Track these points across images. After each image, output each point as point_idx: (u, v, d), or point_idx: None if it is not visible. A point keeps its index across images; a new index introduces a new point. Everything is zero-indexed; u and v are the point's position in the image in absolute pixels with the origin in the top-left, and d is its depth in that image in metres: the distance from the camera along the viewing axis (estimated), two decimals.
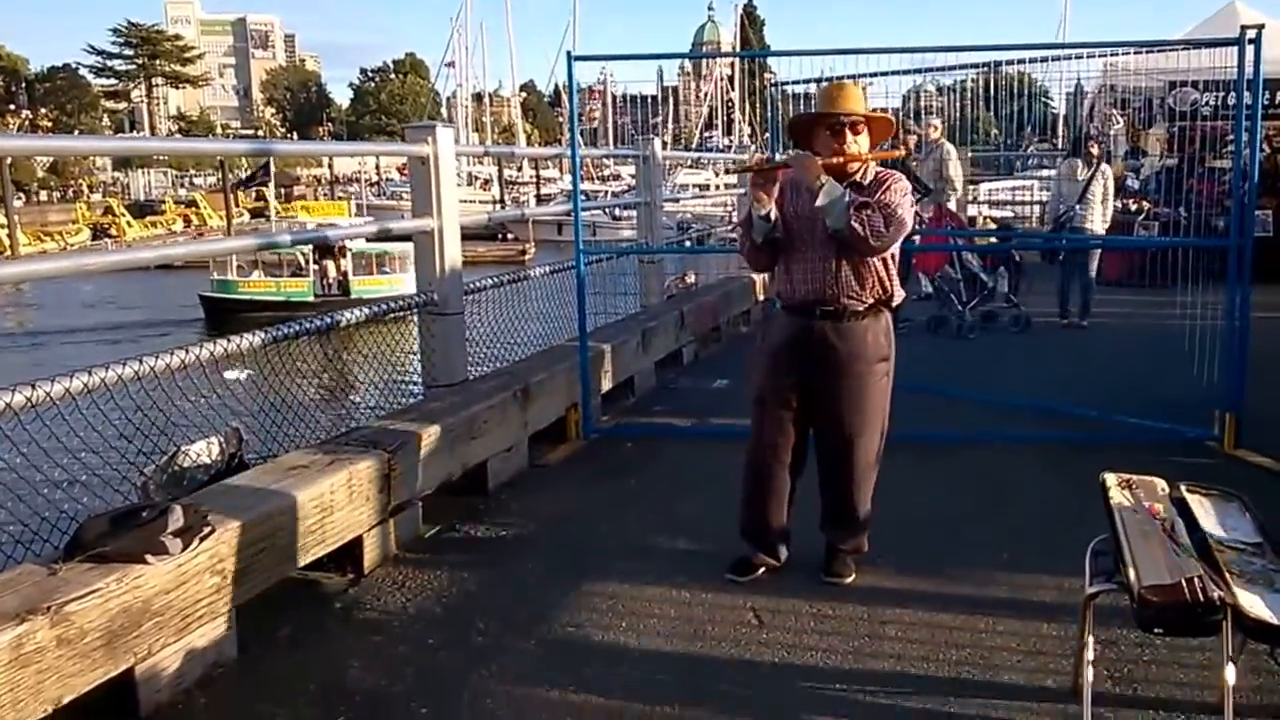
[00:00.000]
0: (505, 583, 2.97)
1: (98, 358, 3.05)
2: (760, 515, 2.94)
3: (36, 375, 2.60)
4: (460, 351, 4.07)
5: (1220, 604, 1.81)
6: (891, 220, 2.66)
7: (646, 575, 2.97)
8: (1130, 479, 2.38)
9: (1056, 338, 6.97)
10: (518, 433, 3.94)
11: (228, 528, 2.54)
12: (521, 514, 3.54)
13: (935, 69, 6.22)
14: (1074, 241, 7.11)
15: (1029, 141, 18.08)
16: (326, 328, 3.41)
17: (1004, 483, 3.77)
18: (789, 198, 2.83)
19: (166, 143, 20.63)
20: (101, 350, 15.21)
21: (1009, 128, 9.48)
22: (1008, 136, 13.02)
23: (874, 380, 2.83)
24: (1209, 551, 2.05)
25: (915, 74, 6.15)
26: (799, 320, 2.84)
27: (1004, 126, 10.43)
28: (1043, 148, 18.02)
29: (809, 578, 2.90)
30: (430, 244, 3.90)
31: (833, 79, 4.68)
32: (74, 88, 66.09)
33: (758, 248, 2.87)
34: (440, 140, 3.81)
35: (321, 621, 2.76)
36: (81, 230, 36.40)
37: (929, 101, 8.49)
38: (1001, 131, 10.68)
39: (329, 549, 2.92)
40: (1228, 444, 4.06)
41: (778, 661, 2.45)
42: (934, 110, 7.58)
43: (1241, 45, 3.95)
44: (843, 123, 2.74)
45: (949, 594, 2.80)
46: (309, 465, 2.99)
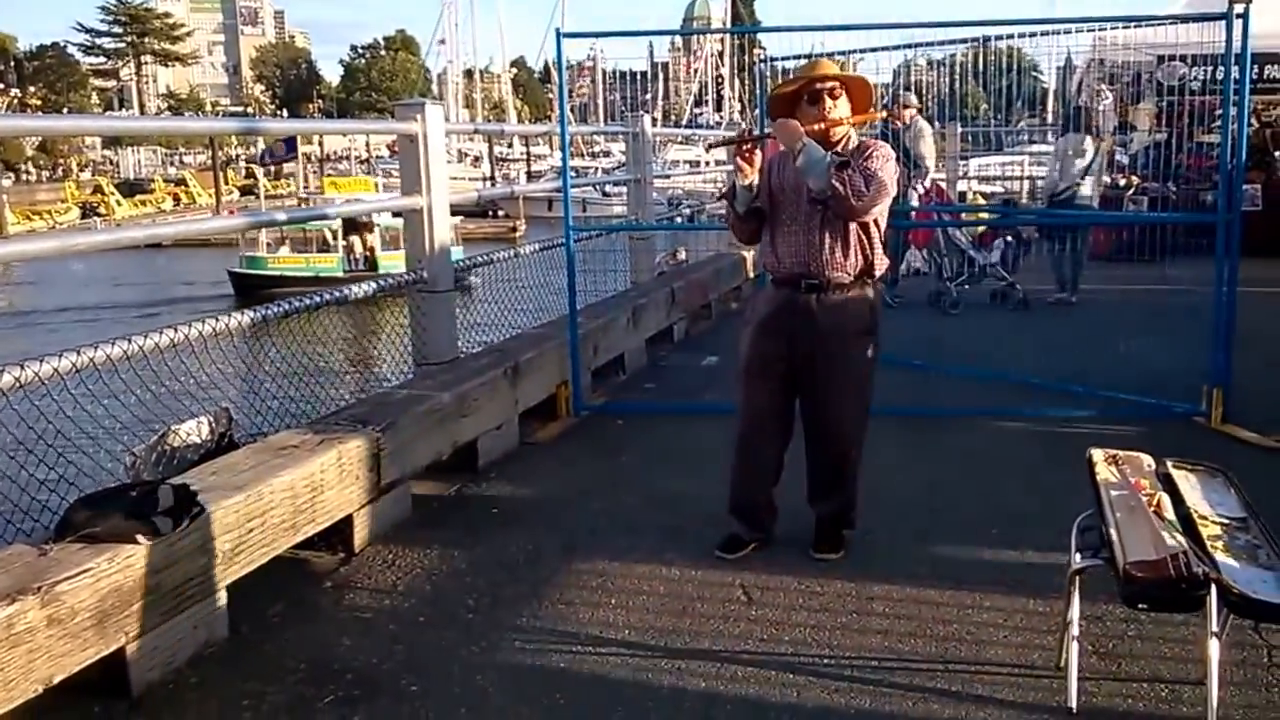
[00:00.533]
0: (495, 560, 2.96)
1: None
2: (749, 491, 2.94)
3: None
4: (451, 329, 4.03)
5: (1205, 579, 1.81)
6: (872, 181, 2.65)
7: (636, 552, 2.97)
8: (1117, 455, 2.38)
9: (1045, 313, 6.96)
10: (508, 410, 3.92)
11: (219, 507, 2.52)
12: (512, 492, 3.53)
13: (924, 44, 6.18)
14: (1065, 217, 7.03)
15: (1019, 116, 17.98)
16: (315, 306, 3.37)
17: (992, 458, 3.78)
18: (774, 171, 2.82)
19: (154, 122, 20.32)
20: (113, 330, 15.08)
21: (999, 103, 9.39)
22: (998, 112, 12.99)
23: (859, 352, 2.83)
24: (1194, 527, 2.05)
25: (906, 49, 6.11)
26: (785, 293, 2.83)
27: (994, 102, 10.36)
28: (1033, 123, 17.93)
29: (798, 555, 2.90)
30: (420, 222, 3.85)
31: (819, 55, 4.65)
32: (63, 66, 65.08)
33: (741, 218, 2.87)
34: (429, 118, 3.76)
35: (313, 600, 2.75)
36: (71, 209, 36.06)
37: (920, 76, 8.40)
38: (991, 107, 10.60)
39: (320, 528, 2.91)
40: (1215, 419, 4.06)
41: (766, 638, 2.45)
42: (913, 87, 7.48)
43: (1229, 20, 3.92)
44: (820, 89, 2.72)
45: (937, 570, 2.80)
46: (299, 445, 2.97)
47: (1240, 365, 4.22)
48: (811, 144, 2.66)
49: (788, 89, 2.83)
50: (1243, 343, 4.26)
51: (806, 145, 2.65)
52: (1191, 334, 4.34)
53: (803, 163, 2.65)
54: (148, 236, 3.14)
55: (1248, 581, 1.85)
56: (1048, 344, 5.77)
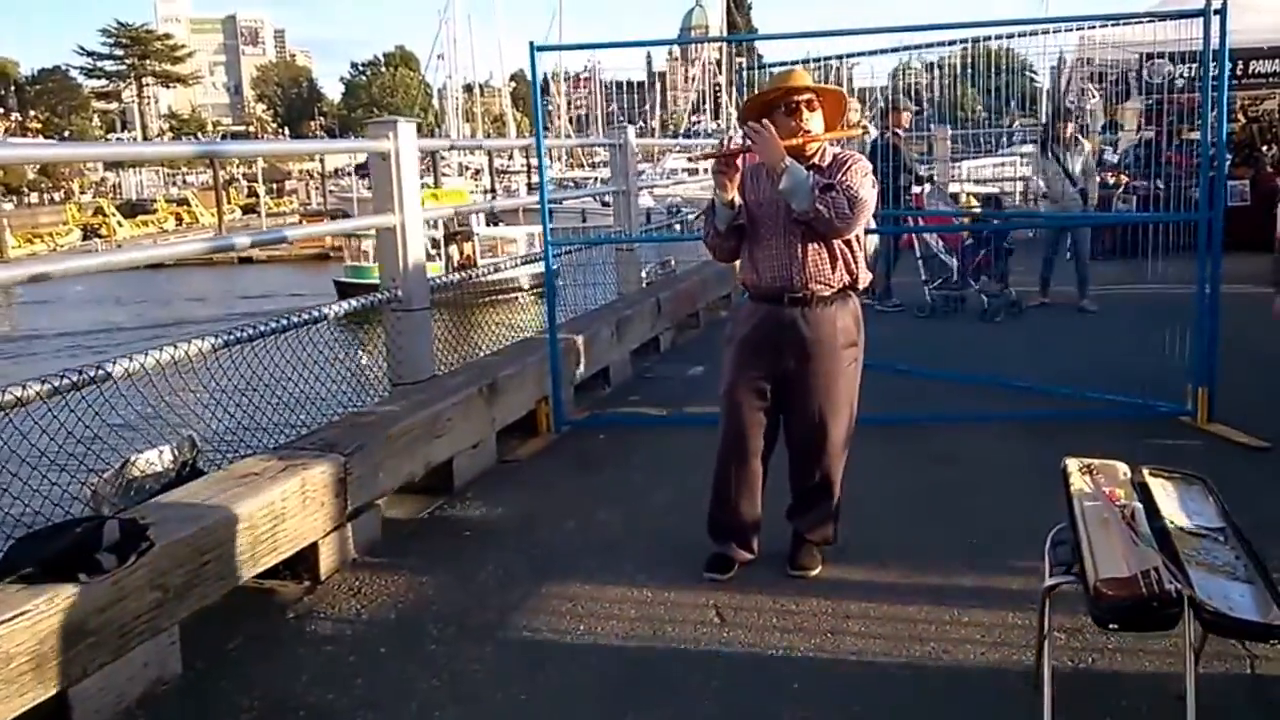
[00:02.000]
0: (464, 586, 2.87)
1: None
2: (734, 509, 2.85)
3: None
4: (427, 348, 3.96)
5: (1178, 597, 1.72)
6: (855, 202, 2.58)
7: (609, 574, 2.88)
8: (1091, 464, 2.29)
9: (1029, 315, 6.85)
10: (484, 429, 3.84)
11: (170, 541, 2.44)
12: (486, 512, 3.44)
13: (911, 47, 6.08)
14: (1049, 220, 6.93)
15: (1013, 117, 17.90)
16: (283, 329, 3.30)
17: (975, 465, 3.69)
18: (750, 184, 2.74)
19: (107, 148, 19.00)
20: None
21: (993, 104, 9.28)
22: (992, 114, 12.91)
23: (843, 366, 2.74)
24: (1168, 540, 1.95)
25: (895, 52, 6.00)
26: (766, 308, 2.75)
27: (988, 103, 10.26)
28: (1027, 123, 17.82)
29: (775, 571, 2.82)
30: (393, 240, 3.78)
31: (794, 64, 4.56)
32: (65, 89, 65.45)
33: (721, 235, 2.78)
34: (401, 135, 3.69)
35: (273, 632, 2.66)
36: (72, 231, 36.14)
37: (915, 80, 8.31)
38: (985, 109, 10.50)
39: (282, 557, 2.82)
40: (1201, 419, 3.97)
41: (737, 661, 2.36)
42: (909, 90, 7.40)
43: (1206, 17, 3.84)
44: (796, 101, 2.63)
45: (915, 584, 2.70)
46: (261, 472, 2.89)
47: (1227, 362, 4.12)
48: (794, 165, 2.57)
49: (762, 99, 2.74)
50: (1229, 340, 4.16)
51: (789, 167, 2.56)
52: (1177, 333, 4.24)
53: (786, 186, 2.56)
54: (101, 265, 3.05)
55: (1224, 597, 1.76)
56: (1031, 346, 5.68)
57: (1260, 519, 3.07)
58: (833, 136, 2.71)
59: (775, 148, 2.57)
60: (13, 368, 14.57)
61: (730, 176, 2.66)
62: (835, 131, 2.73)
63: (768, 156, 2.58)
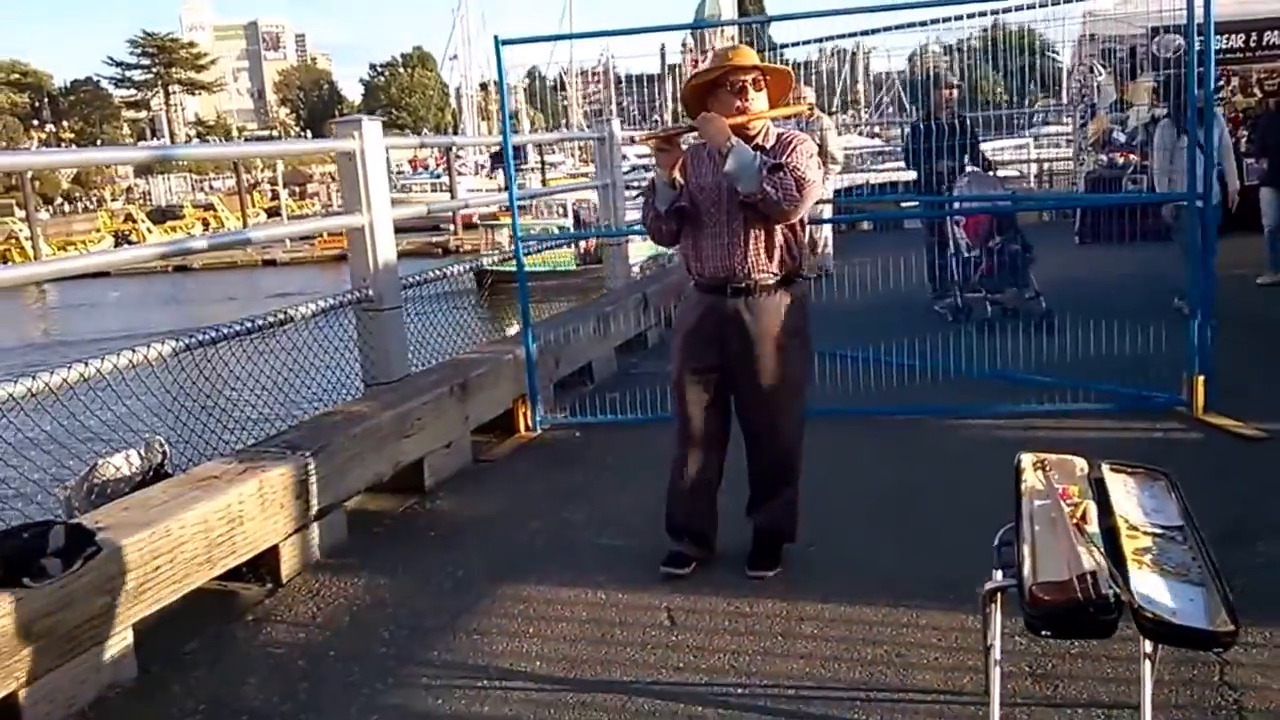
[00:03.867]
0: (421, 588, 2.83)
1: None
2: (690, 505, 2.78)
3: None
4: (399, 347, 3.92)
5: (1115, 602, 1.62)
6: (803, 184, 2.50)
7: (566, 574, 2.82)
8: (1046, 459, 2.19)
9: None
10: (457, 428, 3.79)
11: (120, 545, 2.42)
12: (454, 513, 3.40)
13: (905, 26, 5.86)
14: (1024, 201, 6.61)
15: (1034, 98, 17.54)
16: (248, 331, 3.27)
17: (958, 460, 3.56)
18: (692, 167, 2.66)
19: (83, 153, 18.42)
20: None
21: (1014, 85, 9.02)
22: (1013, 95, 12.63)
23: (790, 354, 2.67)
24: (1116, 540, 1.85)
25: (898, 30, 5.78)
26: (710, 299, 2.68)
27: (1009, 84, 10.01)
28: (1048, 104, 17.47)
29: (733, 572, 2.74)
30: (362, 240, 3.74)
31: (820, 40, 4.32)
32: (97, 99, 66.54)
33: (661, 217, 2.69)
34: (367, 135, 3.65)
35: (230, 634, 2.64)
36: (105, 238, 36.70)
37: (935, 61, 8.08)
38: (1006, 90, 10.24)
39: (240, 560, 2.80)
40: (1197, 408, 3.82)
41: (682, 665, 2.29)
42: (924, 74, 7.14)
43: None
44: (742, 79, 2.54)
45: (876, 586, 2.61)
46: (220, 475, 2.87)
47: (1224, 348, 3.97)
48: (741, 145, 2.50)
49: (706, 77, 2.65)
50: (1229, 323, 4.00)
51: (735, 146, 2.48)
52: (1174, 319, 4.09)
53: (733, 166, 2.49)
54: (53, 271, 3.05)
55: (1169, 602, 1.65)
56: (1024, 334, 5.46)
57: (1248, 511, 2.97)
58: (777, 114, 2.63)
59: (720, 128, 2.49)
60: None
61: (673, 157, 2.59)
62: (780, 109, 2.64)
63: (712, 137, 2.50)
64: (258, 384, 3.55)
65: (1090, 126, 10.03)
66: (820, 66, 8.64)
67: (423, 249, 27.81)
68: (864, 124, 19.81)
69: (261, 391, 3.59)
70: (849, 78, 25.76)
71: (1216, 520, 2.86)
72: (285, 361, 3.64)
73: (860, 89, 27.00)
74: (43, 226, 36.75)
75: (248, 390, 3.58)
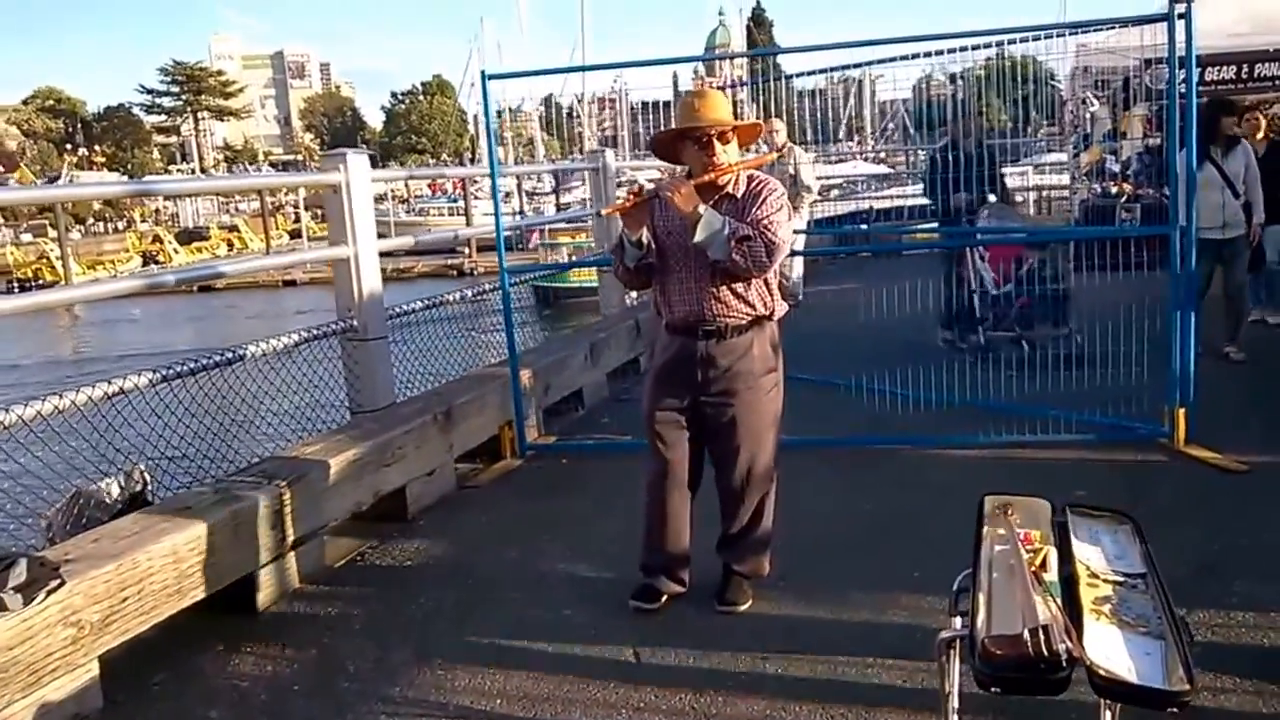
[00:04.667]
0: (392, 619, 2.76)
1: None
2: (662, 543, 2.71)
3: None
4: (385, 376, 3.87)
5: (1068, 659, 1.53)
6: (773, 248, 2.46)
7: (538, 606, 2.75)
8: (1010, 502, 2.11)
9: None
10: (441, 455, 3.74)
11: (85, 578, 2.37)
12: (434, 541, 3.33)
13: (911, 56, 5.75)
14: (987, 233, 5.68)
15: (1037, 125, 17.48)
16: (227, 362, 3.23)
17: (935, 491, 3.47)
18: (660, 212, 2.60)
19: (51, 190, 17.43)
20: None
21: (1016, 114, 8.95)
22: (1017, 123, 12.59)
23: (762, 394, 2.59)
24: (1075, 590, 1.76)
25: (895, 63, 5.69)
26: (680, 340, 2.61)
27: (1012, 113, 9.95)
28: (1051, 132, 17.41)
29: (703, 606, 2.66)
30: (347, 271, 3.71)
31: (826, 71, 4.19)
32: (129, 125, 67.56)
33: (630, 271, 2.63)
34: (352, 168, 3.62)
35: (199, 666, 2.58)
36: (133, 258, 37.10)
37: (939, 91, 7.98)
38: (1010, 118, 10.16)
39: (212, 590, 2.74)
40: (1178, 440, 3.72)
41: (643, 705, 2.21)
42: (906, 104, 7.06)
43: (1171, 21, 3.61)
44: (709, 134, 2.49)
45: (845, 620, 2.53)
46: (194, 505, 2.82)
47: (1208, 380, 3.87)
48: (710, 214, 2.43)
49: (670, 134, 2.60)
50: (1209, 357, 3.90)
51: (705, 217, 2.42)
52: (1158, 349, 3.99)
53: (702, 238, 2.42)
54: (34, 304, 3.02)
55: (1125, 658, 1.57)
56: (1008, 364, 5.35)
57: (1225, 547, 2.87)
58: (745, 166, 2.56)
59: (687, 198, 2.43)
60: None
61: (639, 220, 2.53)
62: (747, 161, 2.58)
63: (679, 208, 2.44)
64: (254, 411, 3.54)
65: (1084, 157, 9.96)
66: (828, 95, 8.59)
67: (439, 270, 28.00)
68: (870, 150, 19.80)
69: (254, 417, 3.58)
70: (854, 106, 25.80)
71: (1193, 556, 2.78)
72: (293, 386, 3.64)
73: (866, 116, 27.02)
74: (74, 246, 37.19)
75: (243, 415, 3.56)
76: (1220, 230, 5.05)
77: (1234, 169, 5.09)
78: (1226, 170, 5.08)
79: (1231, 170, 5.08)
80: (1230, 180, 5.06)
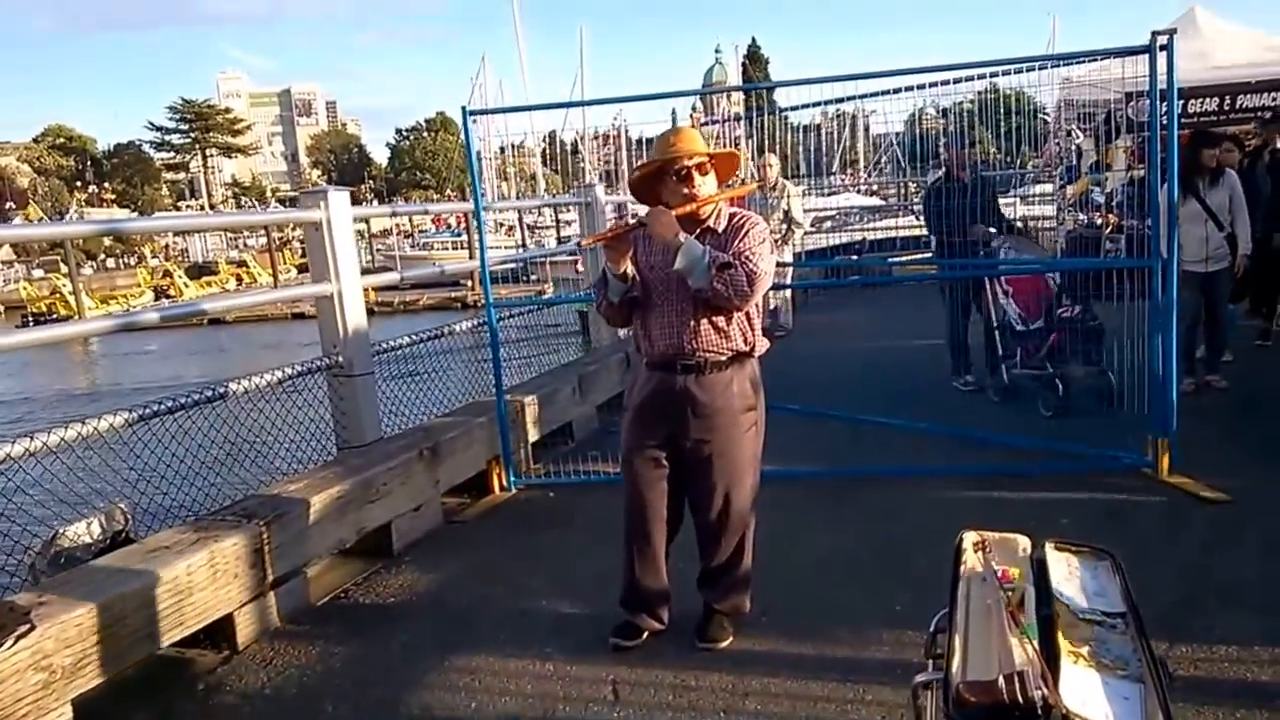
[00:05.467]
0: (373, 657, 2.69)
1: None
2: (641, 581, 2.65)
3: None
4: (371, 412, 3.82)
5: (1044, 706, 1.47)
6: (754, 279, 2.41)
7: (517, 644, 2.68)
8: (988, 538, 2.05)
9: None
10: (427, 491, 3.68)
11: (57, 621, 2.32)
12: (417, 577, 3.27)
13: (904, 89, 5.72)
14: (969, 268, 5.30)
15: (1026, 157, 17.61)
16: (208, 400, 3.19)
17: (916, 523, 3.41)
18: (642, 247, 2.57)
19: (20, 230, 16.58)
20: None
21: (1008, 146, 8.97)
22: (1006, 155, 12.68)
23: (741, 431, 2.54)
24: (1053, 631, 1.70)
25: (880, 96, 5.66)
26: (660, 375, 2.56)
27: (1002, 145, 10.01)
28: (1039, 163, 17.57)
29: (683, 642, 2.60)
30: (331, 308, 3.68)
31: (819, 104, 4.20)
32: (138, 162, 68.20)
33: (614, 306, 2.59)
34: (333, 205, 3.61)
35: (179, 706, 2.52)
36: (145, 293, 37.22)
37: (931, 124, 8.00)
38: (1001, 150, 10.18)
39: (189, 630, 2.68)
40: (1161, 469, 3.66)
41: None
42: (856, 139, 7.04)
43: (1152, 53, 3.62)
44: (688, 166, 2.47)
45: (826, 656, 2.46)
46: (171, 545, 2.76)
47: (1191, 409, 3.82)
48: (691, 242, 2.40)
49: (650, 168, 2.56)
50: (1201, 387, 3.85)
51: (685, 244, 2.39)
52: (1142, 378, 3.95)
53: (683, 265, 2.39)
54: (16, 344, 2.99)
55: (1102, 703, 1.51)
56: (992, 394, 5.31)
57: (1206, 578, 2.80)
58: (725, 197, 2.54)
59: (668, 225, 2.40)
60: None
61: (623, 251, 2.50)
62: (727, 192, 2.56)
63: (660, 235, 2.41)
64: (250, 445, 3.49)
65: (1069, 189, 10.00)
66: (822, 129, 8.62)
67: (444, 303, 28.06)
68: (864, 183, 19.94)
69: (251, 451, 3.53)
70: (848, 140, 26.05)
71: (1175, 588, 2.71)
72: (290, 421, 3.60)
73: (860, 149, 27.23)
74: (86, 281, 37.34)
75: (239, 450, 3.50)
76: (1203, 264, 4.99)
77: (1218, 201, 5.00)
78: (1210, 203, 4.99)
79: (1215, 202, 4.99)
80: (1214, 213, 4.98)
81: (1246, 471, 3.67)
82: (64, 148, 65.13)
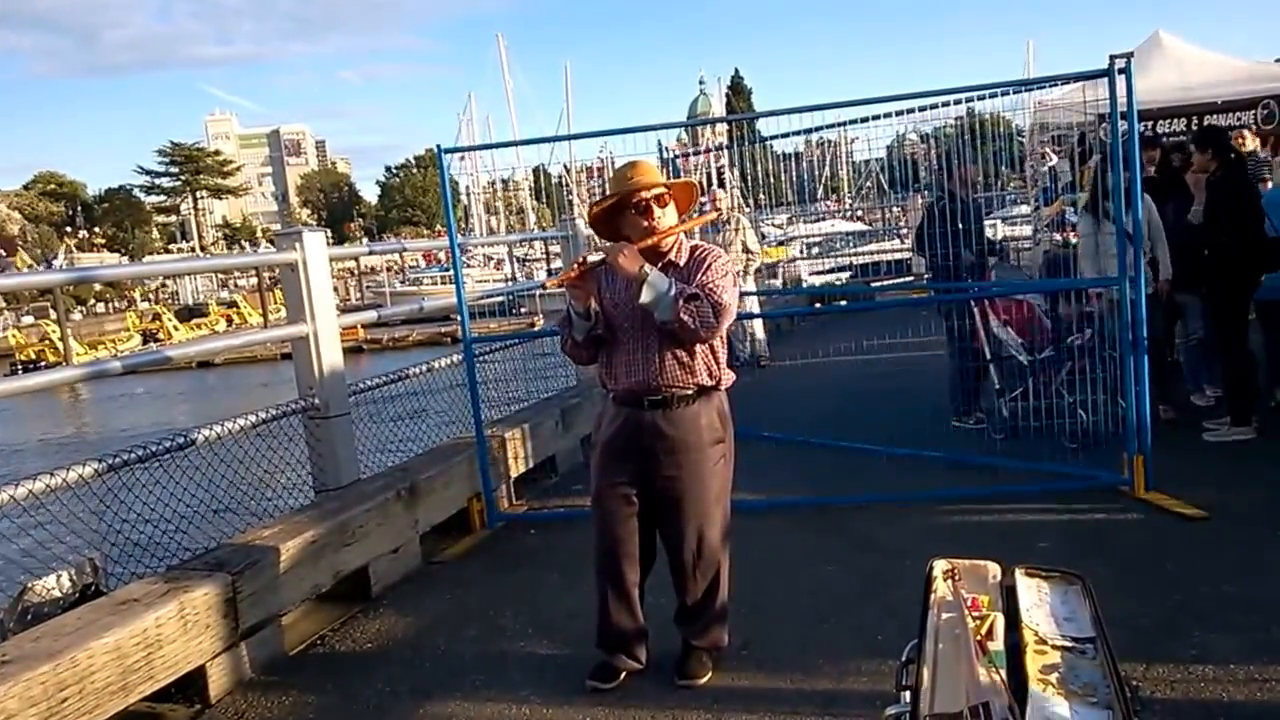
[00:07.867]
0: (347, 707, 2.64)
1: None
2: (616, 621, 2.61)
3: None
4: (348, 453, 3.79)
5: None
6: (720, 310, 2.40)
7: (495, 688, 2.63)
8: (958, 565, 2.03)
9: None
10: (405, 532, 3.64)
11: (20, 680, 2.26)
12: (394, 621, 3.22)
13: (884, 116, 5.68)
14: (953, 292, 4.98)
15: (1007, 179, 17.82)
16: (178, 448, 3.16)
17: (896, 551, 3.38)
18: (606, 283, 2.57)
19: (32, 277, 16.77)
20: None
21: (988, 169, 8.99)
22: (988, 178, 12.83)
23: (710, 465, 2.52)
24: (1020, 659, 1.68)
25: (879, 122, 5.57)
26: (627, 411, 2.55)
27: (983, 168, 10.08)
28: (1019, 186, 17.79)
29: (663, 680, 2.56)
30: (307, 349, 3.66)
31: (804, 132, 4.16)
32: (129, 206, 68.38)
33: (579, 345, 2.59)
34: (308, 246, 3.61)
35: None
36: (133, 337, 37.08)
37: (913, 150, 8.08)
38: (981, 173, 10.27)
39: (160, 684, 2.62)
40: (1138, 487, 3.65)
41: None
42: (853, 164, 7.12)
43: (1111, 76, 3.68)
44: (645, 199, 2.48)
45: (806, 690, 2.43)
46: (140, 597, 2.71)
47: (1170, 427, 3.82)
48: (655, 275, 2.40)
49: (607, 203, 2.57)
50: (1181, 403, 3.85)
51: (651, 277, 2.38)
52: (1111, 400, 3.96)
53: (648, 299, 2.38)
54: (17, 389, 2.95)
55: None
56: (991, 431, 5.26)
57: (1184, 597, 2.78)
58: (687, 227, 2.55)
59: (631, 259, 2.40)
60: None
61: (587, 291, 2.50)
62: (690, 222, 2.57)
63: (624, 270, 2.41)
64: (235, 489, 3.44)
65: (1045, 210, 10.11)
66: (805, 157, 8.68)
67: (433, 338, 28.06)
68: (848, 209, 20.13)
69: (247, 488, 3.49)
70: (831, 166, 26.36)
71: (1152, 607, 2.69)
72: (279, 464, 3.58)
73: (843, 176, 27.52)
74: (75, 326, 37.25)
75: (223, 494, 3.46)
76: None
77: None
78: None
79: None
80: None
81: (1222, 487, 3.67)
82: (54, 194, 65.30)
